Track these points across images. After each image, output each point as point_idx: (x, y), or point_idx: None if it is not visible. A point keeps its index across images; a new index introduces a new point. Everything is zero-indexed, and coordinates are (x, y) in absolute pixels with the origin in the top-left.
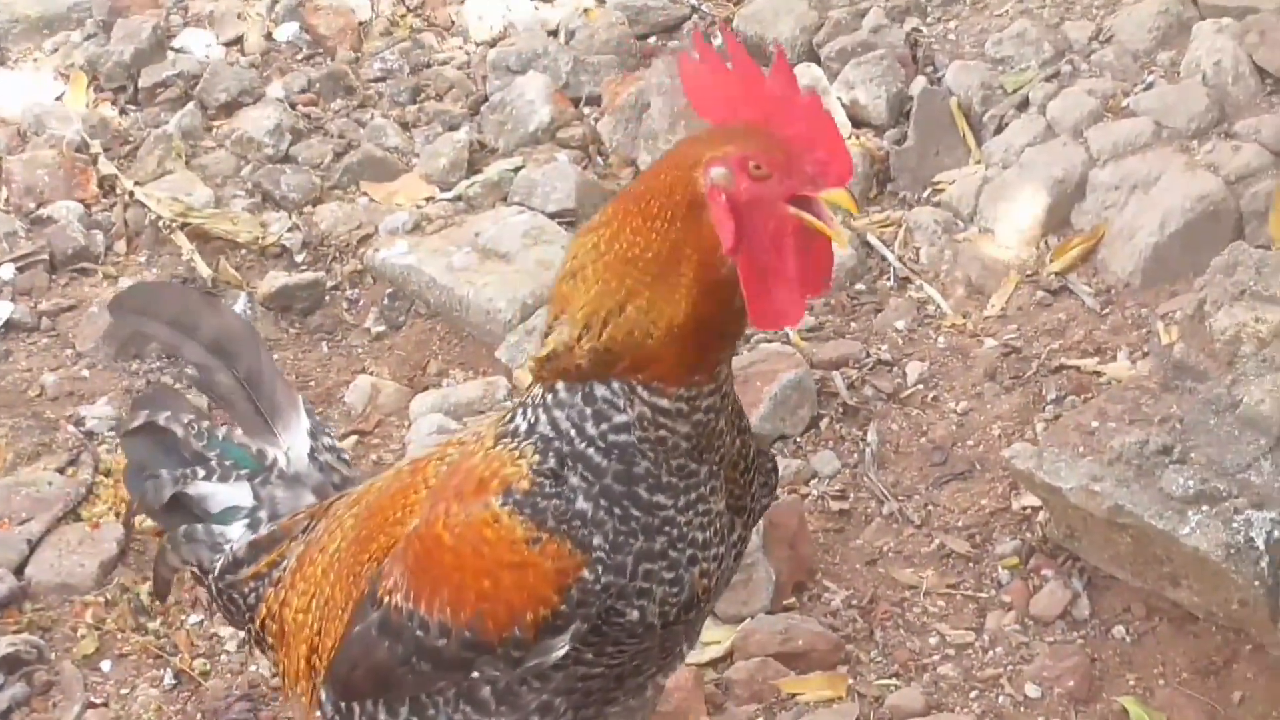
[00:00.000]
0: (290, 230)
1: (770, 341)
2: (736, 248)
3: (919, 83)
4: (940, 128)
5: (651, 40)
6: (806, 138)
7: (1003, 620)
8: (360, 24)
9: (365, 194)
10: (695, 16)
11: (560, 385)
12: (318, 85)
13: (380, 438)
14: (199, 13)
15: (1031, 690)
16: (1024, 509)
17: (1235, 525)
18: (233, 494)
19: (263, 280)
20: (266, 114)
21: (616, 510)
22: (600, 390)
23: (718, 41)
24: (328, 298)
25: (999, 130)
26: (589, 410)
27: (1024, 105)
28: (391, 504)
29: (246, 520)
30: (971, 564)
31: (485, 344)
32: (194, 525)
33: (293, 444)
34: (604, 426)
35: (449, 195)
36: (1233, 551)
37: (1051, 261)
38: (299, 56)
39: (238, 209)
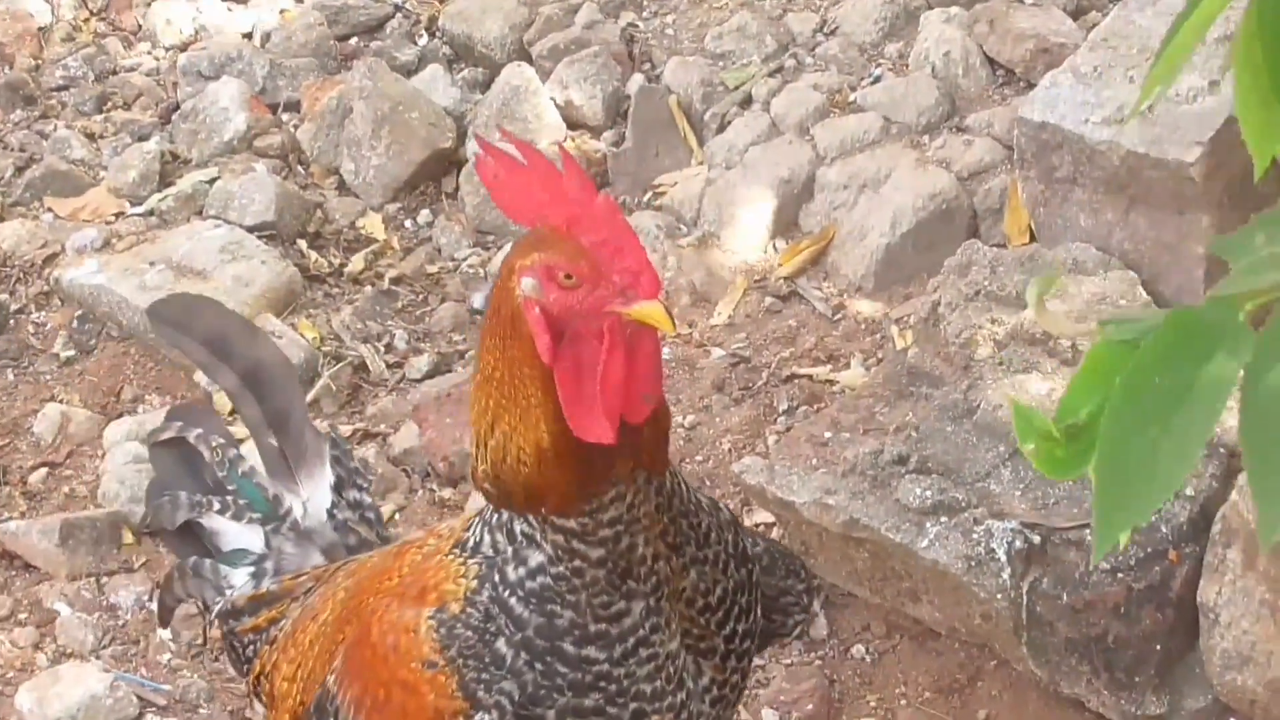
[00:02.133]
0: None
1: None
2: (554, 360)
3: (636, 80)
4: (660, 128)
5: (353, 41)
6: (611, 246)
7: None
8: (40, 29)
9: (50, 210)
10: (399, 15)
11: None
12: None
13: (72, 469)
14: None
15: (768, 715)
16: (757, 526)
17: (975, 536)
18: (244, 536)
19: None
20: None
21: (539, 665)
22: (519, 525)
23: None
24: (12, 321)
25: (721, 129)
26: (510, 550)
27: (747, 102)
28: (370, 586)
29: (252, 568)
30: None
31: (183, 368)
32: (202, 560)
33: (312, 496)
34: (521, 571)
35: (140, 210)
36: (973, 564)
37: (780, 266)
38: None
39: None
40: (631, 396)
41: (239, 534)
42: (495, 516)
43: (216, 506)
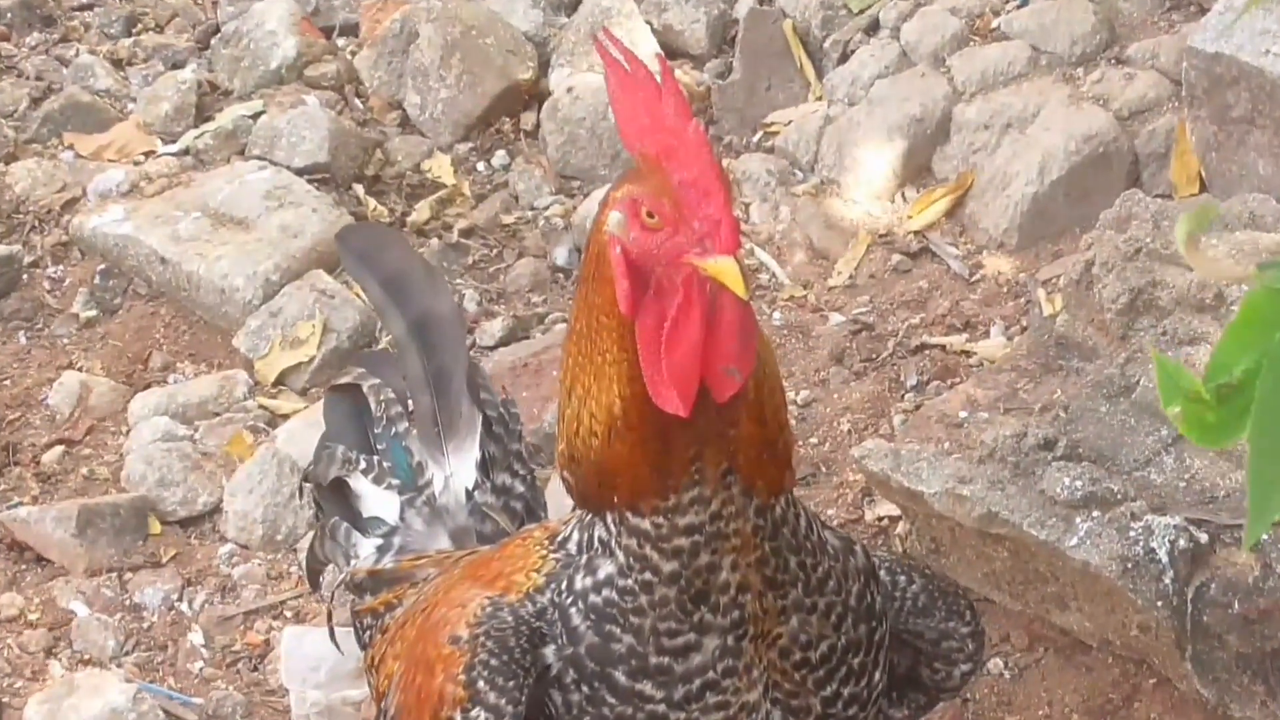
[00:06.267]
0: None
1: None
2: (634, 311)
3: (745, 2)
4: (772, 57)
5: None
6: (699, 187)
7: None
8: None
9: (70, 148)
10: None
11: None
12: (9, 15)
13: (92, 447)
14: None
15: None
16: (880, 519)
17: (1132, 534)
18: (381, 503)
19: None
20: None
21: (584, 688)
22: (599, 530)
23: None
24: (25, 276)
25: (843, 59)
26: (585, 557)
27: (873, 28)
28: (469, 573)
29: (380, 540)
30: None
31: (220, 330)
32: (340, 523)
33: (455, 471)
34: (588, 582)
35: (173, 149)
36: (1130, 566)
37: (910, 218)
38: None
39: None
40: (711, 366)
41: (377, 500)
42: (587, 514)
43: (362, 466)
